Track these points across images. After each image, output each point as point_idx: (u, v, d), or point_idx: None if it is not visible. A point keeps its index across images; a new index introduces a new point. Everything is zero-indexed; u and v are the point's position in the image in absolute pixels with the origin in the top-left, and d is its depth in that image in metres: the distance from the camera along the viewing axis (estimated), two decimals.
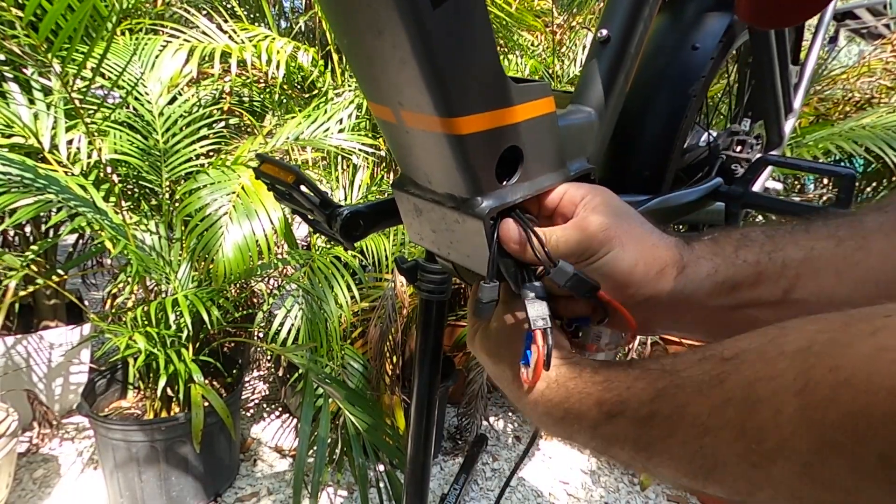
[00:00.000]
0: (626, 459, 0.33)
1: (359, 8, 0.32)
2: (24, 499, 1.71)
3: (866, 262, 0.36)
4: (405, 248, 1.90)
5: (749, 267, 0.39)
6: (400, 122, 0.39)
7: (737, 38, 0.80)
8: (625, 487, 1.97)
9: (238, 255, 1.50)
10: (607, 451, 0.34)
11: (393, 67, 0.34)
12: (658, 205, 0.73)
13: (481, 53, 0.34)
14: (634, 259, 0.39)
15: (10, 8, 1.31)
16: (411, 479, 0.79)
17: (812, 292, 0.37)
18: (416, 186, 0.45)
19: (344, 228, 0.51)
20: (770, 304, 0.38)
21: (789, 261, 0.38)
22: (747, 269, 0.39)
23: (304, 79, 2.14)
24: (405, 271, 0.71)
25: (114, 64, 1.73)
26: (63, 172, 1.50)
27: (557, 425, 0.37)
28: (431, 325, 0.73)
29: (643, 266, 0.39)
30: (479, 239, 0.41)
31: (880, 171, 2.19)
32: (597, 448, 0.35)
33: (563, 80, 2.52)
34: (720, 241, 0.41)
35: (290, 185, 0.53)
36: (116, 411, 1.74)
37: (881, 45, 2.92)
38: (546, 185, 0.43)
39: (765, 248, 0.39)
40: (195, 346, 1.72)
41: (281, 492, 1.82)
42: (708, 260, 0.40)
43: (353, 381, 1.68)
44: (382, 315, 1.80)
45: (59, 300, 2.08)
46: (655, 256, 0.40)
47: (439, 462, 2.04)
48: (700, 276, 0.39)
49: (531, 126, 0.40)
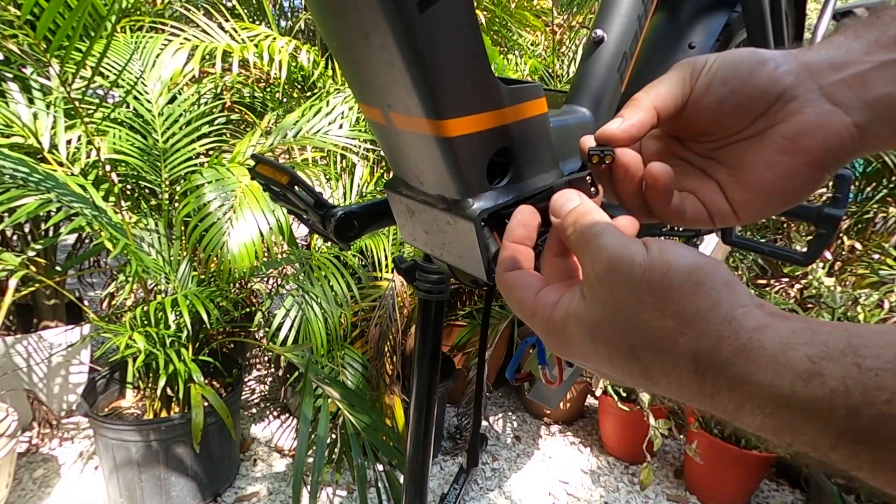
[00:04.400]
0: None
1: (346, 11, 0.32)
2: (24, 499, 1.72)
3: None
4: (404, 248, 1.90)
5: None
6: (389, 124, 0.38)
7: (734, 36, 0.80)
8: (625, 487, 1.97)
9: (243, 252, 1.50)
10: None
11: (381, 70, 0.34)
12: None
13: (469, 56, 0.34)
14: (749, 48, 0.34)
15: (7, 7, 1.31)
16: (411, 478, 0.79)
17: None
18: (408, 188, 0.45)
19: (338, 229, 0.51)
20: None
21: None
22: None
23: (305, 78, 2.13)
24: (403, 271, 0.72)
25: (113, 63, 1.73)
26: (62, 172, 1.50)
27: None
28: (430, 325, 0.73)
29: (762, 49, 0.33)
30: (470, 240, 0.41)
31: (880, 170, 2.18)
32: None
33: (563, 79, 2.52)
34: (842, 25, 0.35)
35: (285, 185, 0.53)
36: (116, 411, 1.74)
37: None
38: (538, 186, 0.43)
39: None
40: (195, 346, 1.72)
41: (280, 492, 1.82)
42: (837, 35, 0.33)
43: (352, 381, 1.68)
44: (382, 315, 1.80)
45: (59, 300, 2.08)
46: (766, 49, 0.34)
47: (439, 462, 2.04)
48: (839, 41, 0.32)
49: (522, 128, 0.40)
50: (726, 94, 0.33)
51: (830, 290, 1.87)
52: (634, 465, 2.08)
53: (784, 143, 0.33)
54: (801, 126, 0.32)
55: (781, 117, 0.33)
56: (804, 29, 1.09)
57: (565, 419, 2.35)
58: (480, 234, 0.40)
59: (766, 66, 0.32)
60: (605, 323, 0.27)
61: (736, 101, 0.33)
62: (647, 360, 0.26)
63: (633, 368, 0.27)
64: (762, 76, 0.32)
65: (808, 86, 0.32)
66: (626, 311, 0.27)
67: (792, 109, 0.32)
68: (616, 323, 0.27)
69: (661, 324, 0.26)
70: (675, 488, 1.97)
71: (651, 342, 0.26)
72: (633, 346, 0.26)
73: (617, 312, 0.27)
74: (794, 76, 0.32)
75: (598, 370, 0.30)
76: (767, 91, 0.32)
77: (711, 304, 0.25)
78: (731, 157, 0.35)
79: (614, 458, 2.13)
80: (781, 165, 0.33)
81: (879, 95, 0.31)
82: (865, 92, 0.31)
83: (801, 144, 0.32)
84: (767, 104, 0.33)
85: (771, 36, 0.84)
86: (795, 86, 0.32)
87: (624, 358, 0.27)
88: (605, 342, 0.28)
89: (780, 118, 0.33)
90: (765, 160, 0.34)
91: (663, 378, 0.26)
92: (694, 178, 0.37)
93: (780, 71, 0.32)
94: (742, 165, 0.35)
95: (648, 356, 0.26)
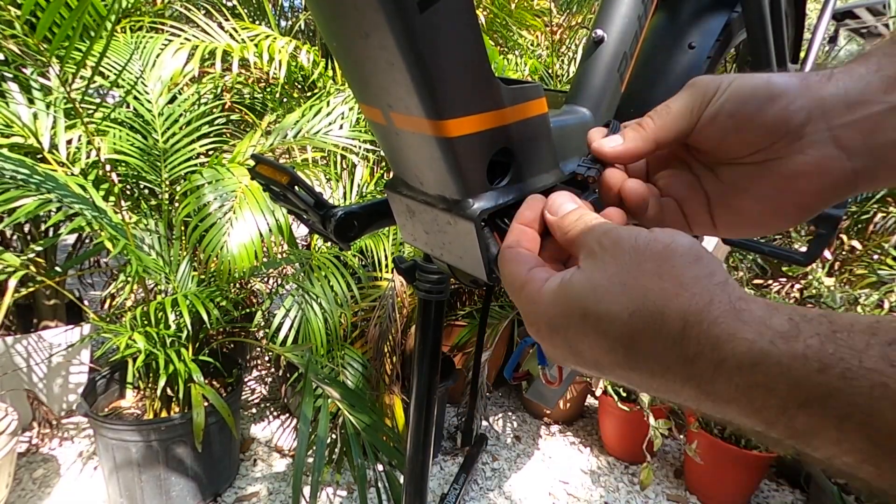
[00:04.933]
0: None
1: (346, 11, 0.32)
2: (24, 499, 1.72)
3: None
4: (404, 248, 1.90)
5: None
6: (390, 123, 0.38)
7: (734, 36, 0.80)
8: (625, 487, 1.97)
9: (243, 253, 1.50)
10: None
11: (381, 70, 0.34)
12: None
13: (469, 56, 0.34)
14: (764, 76, 0.33)
15: (7, 6, 1.31)
16: (410, 478, 0.79)
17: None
18: (408, 188, 0.45)
19: (338, 229, 0.51)
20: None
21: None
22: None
23: (305, 78, 2.13)
24: (403, 271, 0.72)
25: (113, 63, 1.73)
26: (62, 172, 1.50)
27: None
28: (430, 325, 0.73)
29: (778, 78, 0.32)
30: (470, 241, 0.41)
31: None
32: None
33: (563, 79, 2.52)
34: (868, 52, 0.32)
35: (285, 186, 0.53)
36: (116, 411, 1.74)
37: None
38: (538, 187, 0.43)
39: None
40: (195, 346, 1.72)
41: (281, 492, 1.82)
42: (860, 64, 0.32)
43: (352, 381, 1.68)
44: (382, 315, 1.80)
45: (59, 300, 2.08)
46: (787, 73, 0.33)
47: (439, 462, 2.04)
48: (860, 74, 0.31)
49: (522, 128, 0.40)
50: (731, 127, 0.33)
51: (830, 290, 1.87)
52: (634, 465, 2.08)
53: (780, 181, 0.33)
54: (801, 167, 0.33)
55: (784, 153, 0.33)
56: (804, 29, 1.09)
57: (565, 419, 2.35)
58: (480, 234, 0.40)
59: (778, 101, 0.32)
60: (601, 287, 0.28)
61: (740, 135, 0.33)
62: (635, 323, 0.26)
63: (619, 335, 0.27)
64: (771, 114, 0.32)
65: (818, 125, 0.32)
66: (625, 275, 0.27)
67: (796, 148, 0.32)
68: (612, 286, 0.27)
69: (658, 286, 0.26)
70: (675, 488, 1.97)
71: (644, 304, 0.26)
72: (625, 310, 0.27)
73: (615, 276, 0.28)
74: (805, 114, 0.32)
75: (578, 349, 0.29)
76: (775, 129, 0.32)
77: (708, 273, 0.26)
78: (726, 176, 0.36)
79: (614, 458, 2.13)
80: (771, 201, 0.34)
81: (886, 141, 0.31)
82: (874, 137, 0.31)
83: (796, 186, 0.33)
84: (772, 140, 0.33)
85: (771, 36, 0.84)
86: (805, 124, 0.32)
87: (611, 324, 0.27)
88: (595, 307, 0.28)
89: (783, 153, 0.33)
90: (757, 192, 0.35)
91: (647, 344, 0.26)
92: (685, 186, 0.38)
93: (793, 108, 0.32)
94: (735, 188, 0.36)
95: (638, 320, 0.26)
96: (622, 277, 0.27)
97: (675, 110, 0.35)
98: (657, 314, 0.26)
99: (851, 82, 0.31)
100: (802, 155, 0.32)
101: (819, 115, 0.31)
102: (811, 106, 0.31)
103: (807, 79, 0.32)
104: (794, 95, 0.32)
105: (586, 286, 0.28)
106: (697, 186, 0.37)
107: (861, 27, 2.95)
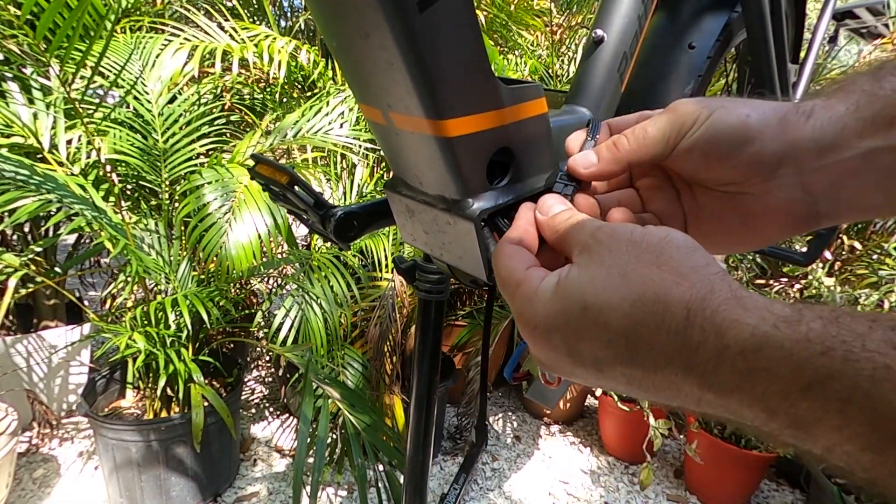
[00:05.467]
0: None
1: (346, 11, 0.32)
2: (24, 499, 1.72)
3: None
4: (404, 248, 1.90)
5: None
6: (389, 123, 0.38)
7: (734, 36, 0.80)
8: (625, 487, 1.97)
9: (242, 253, 1.50)
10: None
11: (380, 70, 0.34)
12: None
13: (469, 56, 0.34)
14: (744, 111, 0.33)
15: (7, 6, 1.31)
16: (410, 478, 0.79)
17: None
18: (407, 188, 0.45)
19: (338, 229, 0.51)
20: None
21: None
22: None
23: (305, 78, 2.14)
24: (403, 271, 0.72)
25: (113, 63, 1.73)
26: (62, 172, 1.50)
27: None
28: (430, 325, 0.73)
29: (758, 115, 0.32)
30: (470, 241, 0.41)
31: None
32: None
33: (563, 79, 2.52)
34: (849, 80, 0.32)
35: (285, 185, 0.53)
36: (116, 411, 1.74)
37: (881, 44, 2.91)
38: (538, 187, 0.43)
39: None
40: (195, 346, 1.72)
41: (281, 492, 1.82)
42: (841, 100, 0.31)
43: (352, 381, 1.68)
44: (382, 315, 1.81)
45: (59, 300, 2.08)
46: (769, 106, 0.33)
47: (439, 462, 2.04)
48: (839, 114, 0.31)
49: (522, 128, 0.40)
50: (704, 164, 0.34)
51: (830, 290, 1.87)
52: (634, 465, 2.08)
53: (748, 215, 0.35)
54: (769, 205, 0.34)
55: (755, 190, 0.34)
56: (804, 29, 1.09)
57: (565, 419, 2.35)
58: (480, 234, 0.40)
59: (752, 144, 0.32)
60: (600, 279, 0.27)
61: (712, 171, 0.34)
62: (637, 313, 0.26)
63: (621, 327, 0.26)
64: (744, 155, 0.33)
65: (789, 169, 0.32)
66: (624, 266, 0.27)
67: (766, 188, 0.33)
68: (611, 277, 0.27)
69: (658, 276, 0.26)
70: (675, 488, 1.97)
71: (645, 293, 0.26)
72: (626, 300, 0.26)
73: (614, 267, 0.27)
74: (778, 157, 0.32)
75: (576, 348, 0.28)
76: (747, 169, 0.33)
77: (706, 262, 0.26)
78: (701, 199, 0.37)
79: (614, 458, 2.13)
80: (737, 231, 0.36)
81: (851, 187, 0.32)
82: (840, 183, 0.32)
83: (763, 220, 0.35)
84: (743, 178, 0.34)
85: (771, 36, 0.84)
86: (777, 166, 0.33)
87: (612, 315, 0.27)
88: (595, 299, 0.27)
89: (754, 190, 0.34)
90: (725, 219, 0.36)
91: (649, 334, 0.26)
92: (665, 201, 0.38)
93: (766, 152, 0.32)
94: (708, 211, 0.37)
95: (640, 310, 0.26)
96: (621, 269, 0.27)
97: (651, 136, 0.35)
98: (659, 303, 0.25)
99: (829, 124, 0.31)
100: (771, 195, 0.33)
101: (791, 158, 0.32)
102: (785, 149, 0.32)
103: (786, 118, 0.32)
104: (769, 138, 0.32)
105: (585, 279, 0.28)
106: (677, 203, 0.38)
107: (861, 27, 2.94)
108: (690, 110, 0.34)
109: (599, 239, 0.29)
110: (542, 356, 0.31)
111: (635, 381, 0.27)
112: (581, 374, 0.30)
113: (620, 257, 0.28)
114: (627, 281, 0.27)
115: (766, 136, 0.32)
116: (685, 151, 0.34)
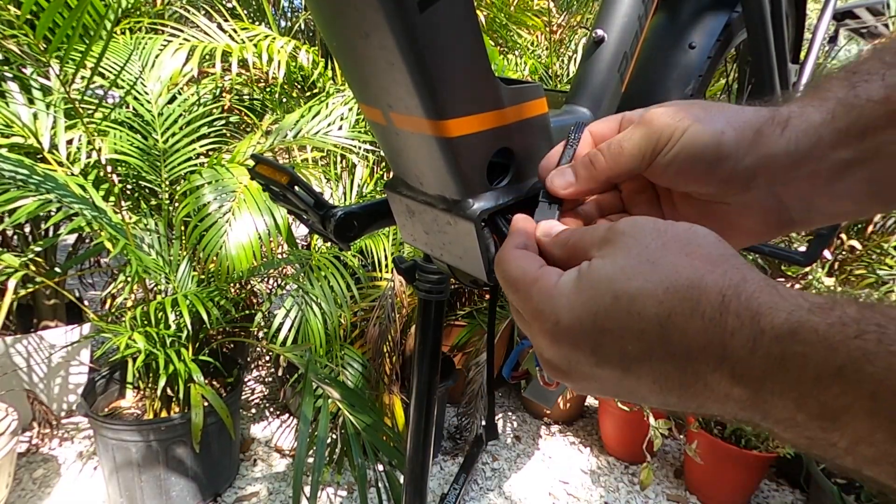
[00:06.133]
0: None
1: (346, 11, 0.32)
2: (24, 499, 1.72)
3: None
4: (404, 248, 1.90)
5: (877, 106, 0.30)
6: (390, 123, 0.38)
7: (735, 36, 0.80)
8: (625, 487, 1.97)
9: (241, 253, 1.50)
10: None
11: (381, 70, 0.34)
12: None
13: (470, 56, 0.34)
14: (719, 126, 0.32)
15: (7, 6, 1.31)
16: (410, 478, 0.79)
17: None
18: (408, 188, 0.45)
19: (338, 229, 0.51)
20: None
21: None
22: (875, 108, 0.30)
23: (305, 78, 2.14)
24: (403, 271, 0.72)
25: (113, 63, 1.73)
26: (62, 172, 1.50)
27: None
28: (430, 325, 0.73)
29: (733, 130, 0.32)
30: (470, 241, 0.41)
31: None
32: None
33: (563, 79, 2.52)
34: (825, 84, 0.32)
35: (285, 185, 0.53)
36: (116, 411, 1.74)
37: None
38: (538, 188, 0.43)
39: (890, 78, 0.30)
40: (195, 346, 1.72)
41: (280, 492, 1.82)
42: (817, 108, 0.32)
43: (352, 381, 1.68)
44: (381, 315, 1.80)
45: (59, 300, 2.08)
46: (744, 118, 0.33)
47: (439, 462, 2.04)
48: (814, 125, 0.31)
49: (522, 128, 0.40)
50: (681, 180, 0.35)
51: (830, 290, 1.87)
52: (634, 465, 2.08)
53: (724, 222, 0.35)
54: (744, 212, 0.35)
55: (731, 200, 0.35)
56: (804, 29, 1.09)
57: (565, 419, 2.35)
58: (481, 234, 0.40)
59: (726, 162, 0.33)
60: (629, 267, 0.27)
61: (687, 186, 0.35)
62: (671, 299, 0.25)
63: (655, 315, 0.25)
64: (718, 173, 0.33)
65: (763, 181, 0.33)
66: (652, 254, 0.27)
67: (741, 199, 0.34)
68: (641, 265, 0.26)
69: (688, 263, 0.26)
70: (675, 488, 1.97)
71: (678, 280, 0.25)
72: (659, 286, 0.26)
73: (642, 255, 0.27)
74: (752, 171, 0.33)
75: (599, 343, 0.27)
76: (721, 185, 0.34)
77: (733, 253, 0.27)
78: (680, 205, 0.38)
79: (614, 458, 2.13)
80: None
81: (822, 196, 0.33)
82: (812, 192, 0.33)
83: (738, 226, 0.36)
84: (718, 191, 0.34)
85: (771, 36, 0.84)
86: (750, 180, 0.33)
87: (646, 302, 0.26)
88: (627, 285, 0.26)
89: (729, 199, 0.35)
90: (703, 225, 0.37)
91: (683, 321, 0.25)
92: (648, 205, 0.39)
93: (740, 168, 0.33)
94: (685, 216, 0.37)
95: (674, 296, 0.25)
96: (649, 256, 0.27)
97: (627, 153, 0.35)
98: (693, 289, 0.25)
99: (804, 136, 0.32)
100: (746, 206, 0.34)
101: (765, 171, 0.33)
102: (759, 164, 0.33)
103: (761, 131, 0.33)
104: (743, 154, 0.32)
105: (612, 268, 0.27)
106: (657, 207, 0.39)
107: (861, 27, 2.94)
108: (665, 124, 0.33)
109: (621, 230, 0.28)
110: (560, 357, 0.29)
111: (663, 378, 0.26)
112: (602, 375, 0.28)
113: (647, 246, 0.27)
114: (658, 268, 0.26)
115: (741, 152, 0.32)
116: (661, 167, 0.34)
